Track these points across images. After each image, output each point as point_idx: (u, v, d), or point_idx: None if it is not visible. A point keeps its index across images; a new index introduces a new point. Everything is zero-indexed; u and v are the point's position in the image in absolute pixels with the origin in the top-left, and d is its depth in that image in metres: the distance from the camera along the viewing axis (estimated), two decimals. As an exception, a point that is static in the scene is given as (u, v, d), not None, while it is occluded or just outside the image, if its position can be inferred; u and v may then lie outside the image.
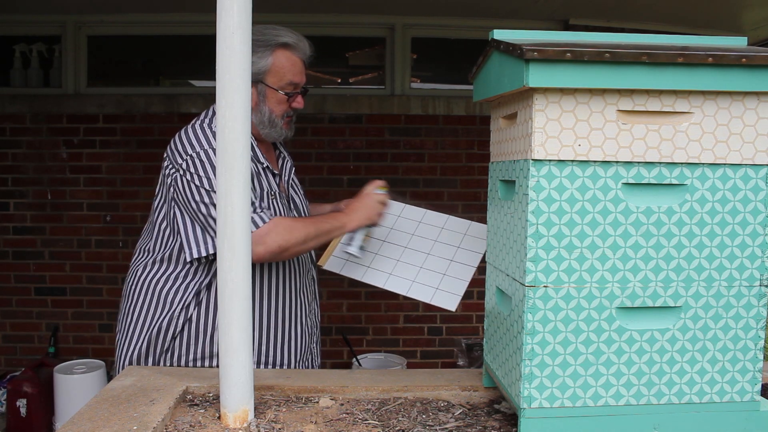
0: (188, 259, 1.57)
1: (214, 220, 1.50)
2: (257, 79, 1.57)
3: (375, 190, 1.64)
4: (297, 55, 1.60)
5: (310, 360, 1.80)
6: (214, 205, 1.48)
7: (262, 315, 1.66)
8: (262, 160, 1.64)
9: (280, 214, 1.62)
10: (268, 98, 1.59)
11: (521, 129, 1.01)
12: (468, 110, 3.56)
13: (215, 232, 1.50)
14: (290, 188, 1.74)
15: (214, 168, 1.51)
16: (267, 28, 1.60)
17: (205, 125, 1.58)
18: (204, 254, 1.55)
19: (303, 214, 1.77)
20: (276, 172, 1.67)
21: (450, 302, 1.50)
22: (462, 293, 1.52)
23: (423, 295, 1.53)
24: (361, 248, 1.60)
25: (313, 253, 1.78)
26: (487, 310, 1.22)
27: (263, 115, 1.60)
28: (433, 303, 1.51)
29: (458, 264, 1.57)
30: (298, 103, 1.61)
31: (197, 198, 1.53)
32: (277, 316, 1.68)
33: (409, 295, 1.54)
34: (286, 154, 1.79)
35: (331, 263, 1.67)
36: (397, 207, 1.75)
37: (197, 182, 1.53)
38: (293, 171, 1.76)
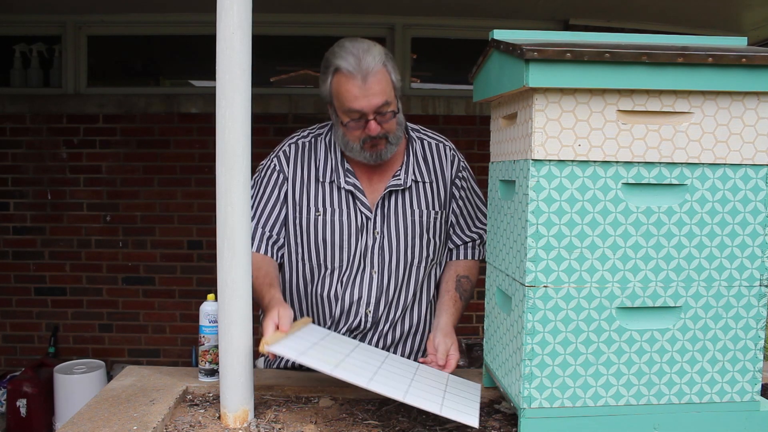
0: None
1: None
2: (329, 100, 1.49)
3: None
4: (352, 81, 1.41)
5: None
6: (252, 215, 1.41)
7: None
8: (323, 174, 1.54)
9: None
10: (339, 121, 1.49)
11: (521, 129, 1.01)
12: (468, 110, 3.56)
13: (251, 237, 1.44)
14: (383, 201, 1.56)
15: (256, 181, 1.58)
16: (336, 46, 1.46)
17: (294, 136, 1.61)
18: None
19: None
20: (343, 186, 1.53)
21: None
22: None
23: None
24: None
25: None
26: (487, 310, 1.22)
27: (338, 136, 1.51)
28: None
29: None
30: (369, 129, 1.45)
31: None
32: None
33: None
34: (411, 166, 1.62)
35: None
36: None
37: None
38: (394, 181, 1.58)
